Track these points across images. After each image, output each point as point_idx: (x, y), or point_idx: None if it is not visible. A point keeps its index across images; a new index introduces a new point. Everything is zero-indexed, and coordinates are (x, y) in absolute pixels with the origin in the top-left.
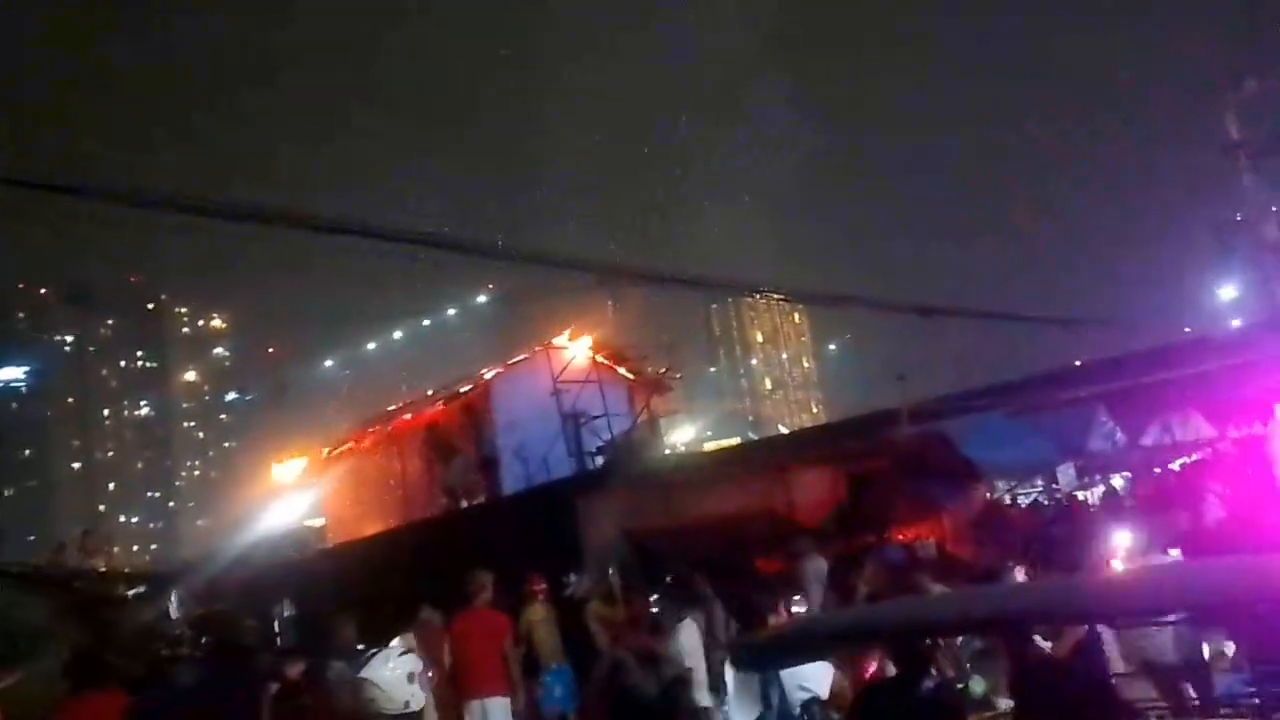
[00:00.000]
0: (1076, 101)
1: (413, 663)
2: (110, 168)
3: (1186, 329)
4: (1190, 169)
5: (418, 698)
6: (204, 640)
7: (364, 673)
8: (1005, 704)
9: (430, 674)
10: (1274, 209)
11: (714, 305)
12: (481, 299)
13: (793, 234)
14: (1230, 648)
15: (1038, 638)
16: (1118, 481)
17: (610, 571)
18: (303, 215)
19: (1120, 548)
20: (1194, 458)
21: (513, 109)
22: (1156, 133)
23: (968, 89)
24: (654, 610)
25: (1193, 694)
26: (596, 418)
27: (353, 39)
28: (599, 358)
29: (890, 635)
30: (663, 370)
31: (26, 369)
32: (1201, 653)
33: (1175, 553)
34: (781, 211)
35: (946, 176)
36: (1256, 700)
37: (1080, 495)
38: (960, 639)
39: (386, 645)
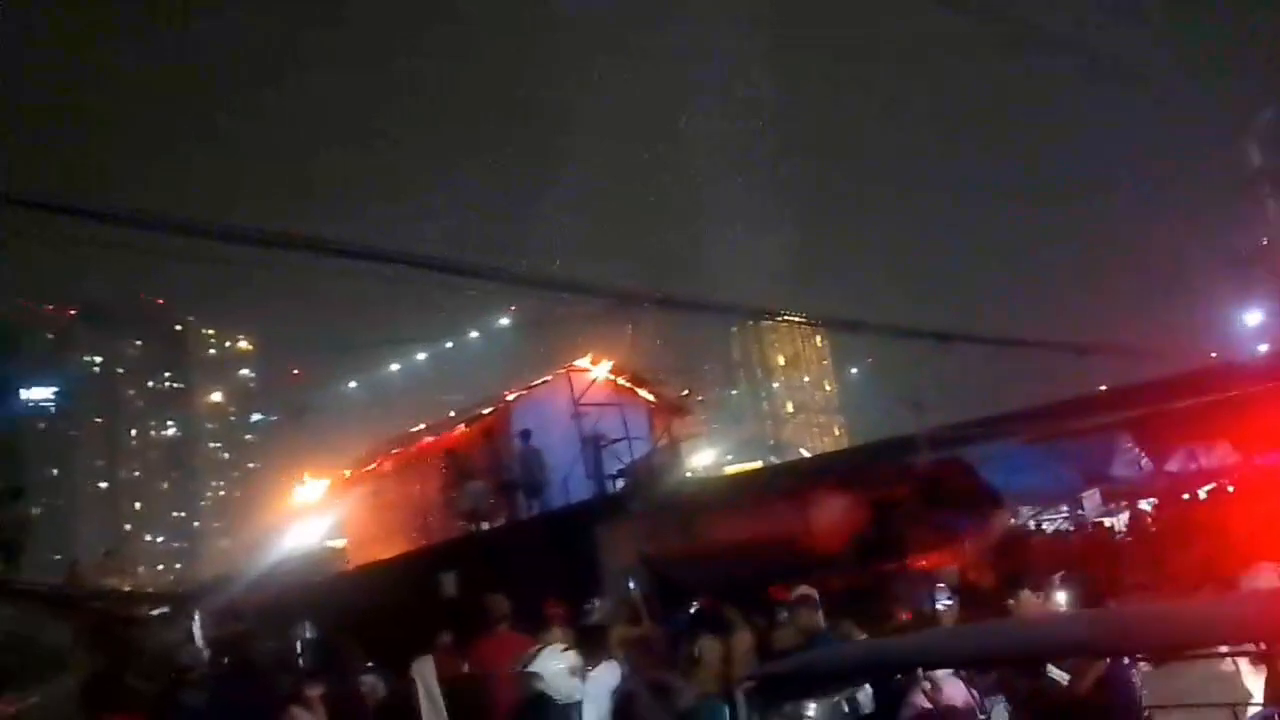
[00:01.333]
0: (1099, 129)
1: (574, 658)
2: (130, 183)
3: (1213, 354)
4: (1214, 197)
5: (581, 691)
6: (225, 661)
7: (532, 667)
8: None
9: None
10: None
11: (734, 329)
12: (504, 321)
13: (814, 257)
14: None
15: (1055, 672)
16: (1144, 508)
17: (632, 588)
18: (325, 241)
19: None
20: (1220, 483)
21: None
22: (1180, 161)
23: (988, 110)
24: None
25: None
26: (617, 441)
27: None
28: (620, 381)
29: (907, 668)
30: (683, 393)
31: (55, 390)
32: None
33: None
34: (801, 235)
35: (967, 204)
36: None
37: (1106, 522)
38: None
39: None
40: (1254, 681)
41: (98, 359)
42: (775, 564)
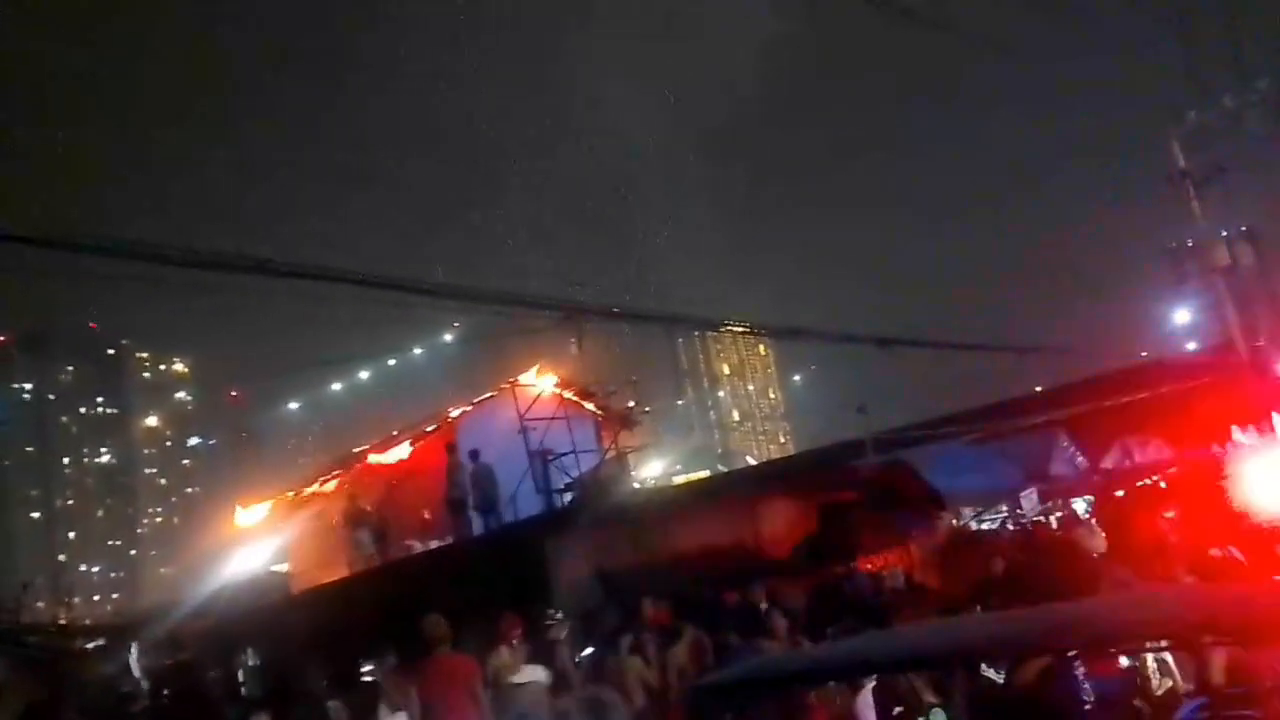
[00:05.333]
0: (1026, 131)
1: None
2: (50, 206)
3: (1143, 353)
4: (1140, 198)
5: None
6: (165, 693)
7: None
8: None
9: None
10: (1223, 233)
11: (680, 339)
12: (448, 337)
13: (754, 267)
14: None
15: (988, 669)
16: (1079, 505)
17: (647, 608)
18: (263, 261)
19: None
20: (1154, 479)
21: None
22: (1105, 163)
23: (912, 116)
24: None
25: None
26: (564, 454)
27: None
28: (566, 394)
29: (846, 673)
30: (630, 405)
31: None
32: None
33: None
34: (742, 244)
35: (896, 208)
36: None
37: (1042, 520)
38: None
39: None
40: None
41: (28, 386)
42: (727, 571)
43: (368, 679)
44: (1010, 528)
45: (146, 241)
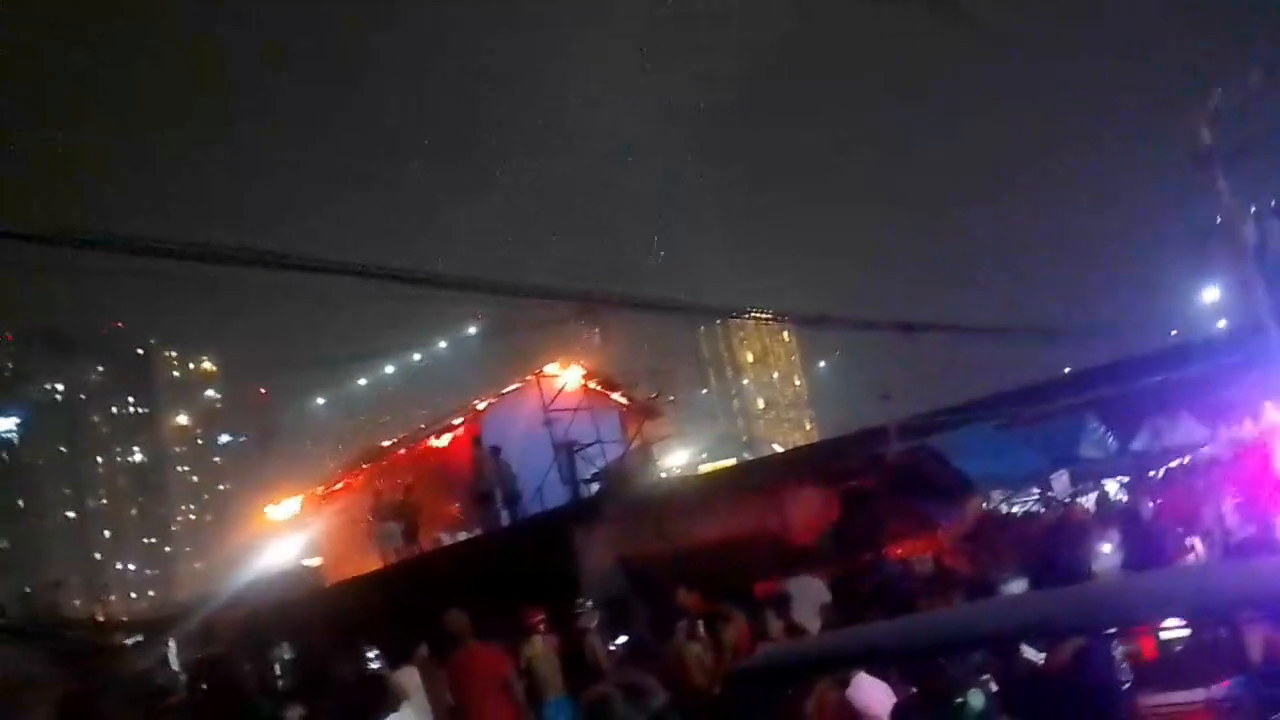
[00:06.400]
0: (1050, 111)
1: None
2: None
3: (1173, 332)
4: (1166, 176)
5: None
6: (202, 686)
7: None
8: None
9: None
10: (1251, 209)
11: (702, 328)
12: (471, 330)
13: (778, 254)
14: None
15: (1027, 649)
16: (1111, 487)
17: (682, 596)
18: (286, 256)
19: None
20: (1185, 460)
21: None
22: (1132, 140)
23: (938, 99)
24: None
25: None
26: (589, 445)
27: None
28: (590, 385)
29: (881, 657)
30: (654, 395)
31: (17, 420)
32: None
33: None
34: (765, 232)
35: (921, 192)
36: (1257, 703)
37: (1076, 502)
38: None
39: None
40: None
41: (59, 387)
42: (753, 560)
43: (377, 671)
44: (1040, 510)
45: (171, 240)
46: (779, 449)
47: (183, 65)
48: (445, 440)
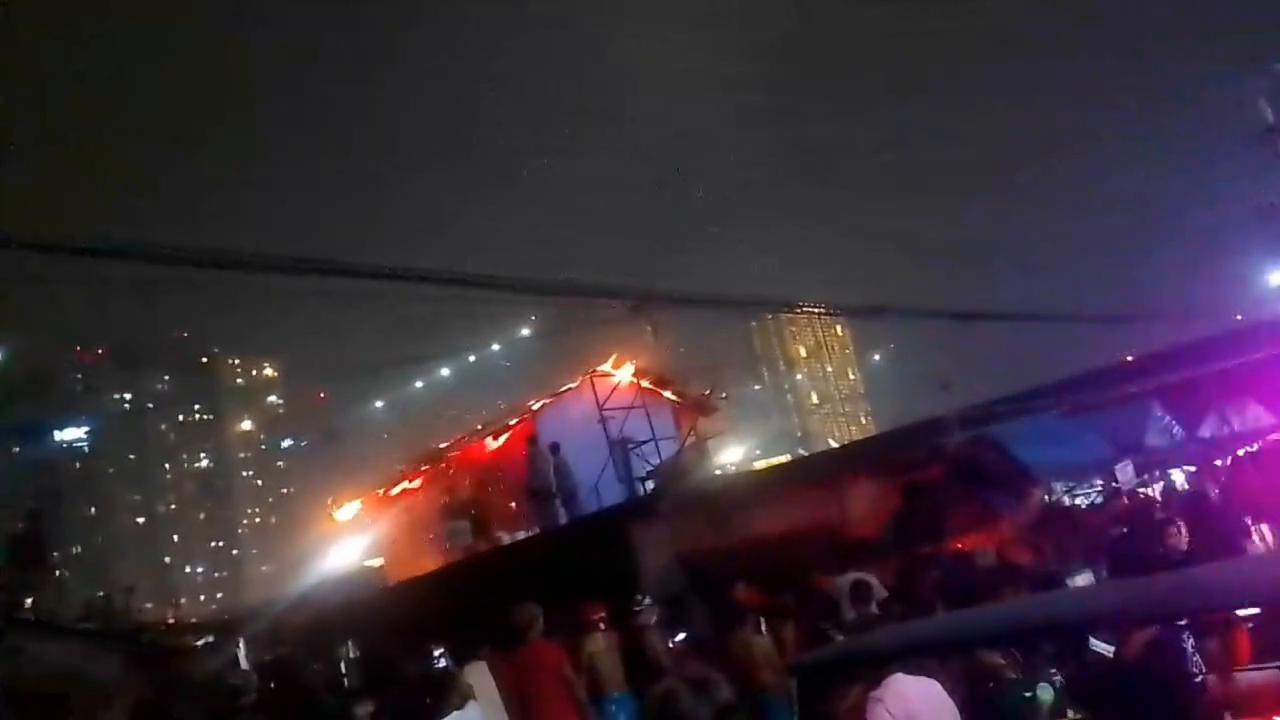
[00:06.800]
0: (1109, 91)
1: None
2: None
3: (1238, 316)
4: (1227, 155)
5: None
6: (271, 686)
7: None
8: (1075, 714)
9: None
10: None
11: (754, 323)
12: (525, 331)
13: (831, 245)
14: None
15: (1097, 642)
16: (1177, 476)
17: (740, 592)
18: (341, 263)
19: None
20: (1255, 447)
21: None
22: (1192, 120)
23: (997, 75)
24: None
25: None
26: (644, 443)
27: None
28: (643, 383)
29: (949, 648)
30: (707, 392)
31: (86, 429)
32: None
33: None
34: (818, 221)
35: (979, 175)
36: None
37: (1142, 492)
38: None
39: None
40: None
41: (127, 396)
42: (812, 553)
43: (444, 668)
44: (1107, 500)
45: (231, 250)
46: (834, 444)
47: (216, 68)
48: (502, 441)
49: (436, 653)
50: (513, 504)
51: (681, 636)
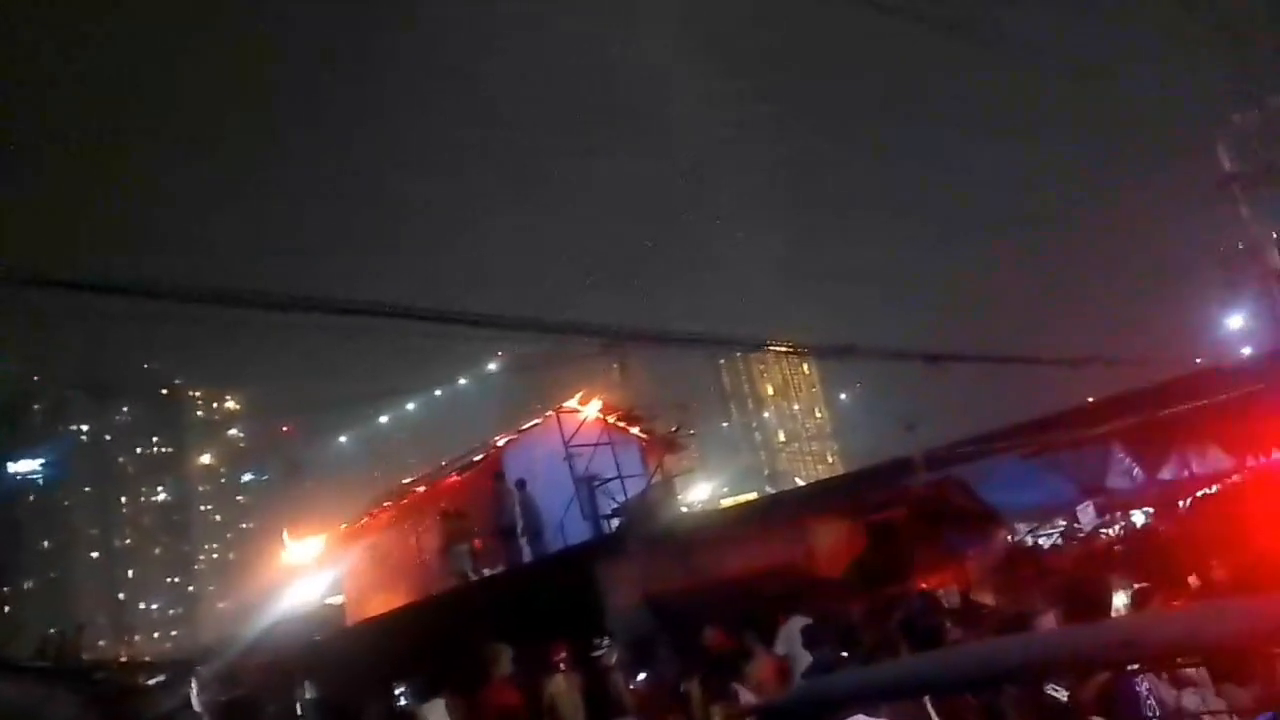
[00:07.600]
0: (1069, 140)
1: None
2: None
3: (1199, 360)
4: (1187, 203)
5: None
6: None
7: None
8: None
9: None
10: (1275, 235)
11: (723, 361)
12: (492, 367)
13: (798, 286)
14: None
15: (1051, 687)
16: (1138, 518)
17: (707, 635)
18: (309, 299)
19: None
20: (1213, 489)
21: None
22: (1151, 169)
23: (959, 125)
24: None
25: None
26: (610, 480)
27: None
28: (610, 420)
29: (908, 693)
30: (675, 429)
31: (43, 461)
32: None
33: None
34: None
35: (947, 222)
36: None
37: (1102, 533)
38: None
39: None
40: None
41: (85, 427)
42: (779, 593)
43: (405, 707)
44: (1066, 542)
45: (194, 285)
46: (801, 482)
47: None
48: (467, 477)
49: (397, 691)
50: (477, 541)
51: (642, 677)
